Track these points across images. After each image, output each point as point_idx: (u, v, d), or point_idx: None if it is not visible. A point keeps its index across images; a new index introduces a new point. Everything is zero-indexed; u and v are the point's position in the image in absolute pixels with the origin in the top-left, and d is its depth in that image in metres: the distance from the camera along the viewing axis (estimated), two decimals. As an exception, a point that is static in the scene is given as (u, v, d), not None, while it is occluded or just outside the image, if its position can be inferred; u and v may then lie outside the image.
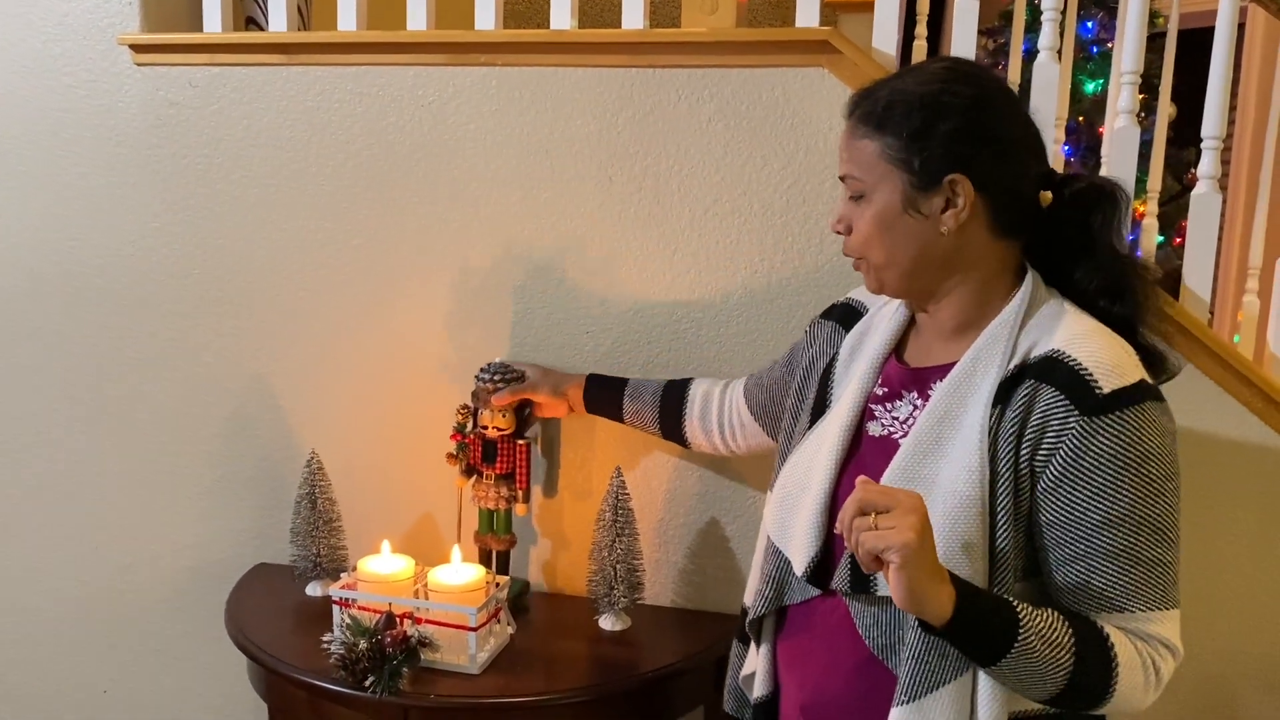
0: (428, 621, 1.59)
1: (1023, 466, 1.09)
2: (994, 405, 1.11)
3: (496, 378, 1.73)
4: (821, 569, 1.21)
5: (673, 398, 1.66)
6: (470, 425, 1.77)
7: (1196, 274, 1.66)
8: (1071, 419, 1.06)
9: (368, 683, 1.52)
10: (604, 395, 1.72)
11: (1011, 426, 1.09)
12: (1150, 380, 1.11)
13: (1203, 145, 1.64)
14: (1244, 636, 1.66)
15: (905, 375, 1.23)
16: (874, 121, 1.15)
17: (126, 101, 1.99)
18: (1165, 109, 2.07)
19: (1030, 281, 1.18)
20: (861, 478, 1.06)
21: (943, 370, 1.19)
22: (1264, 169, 1.88)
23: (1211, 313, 2.66)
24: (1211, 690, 1.13)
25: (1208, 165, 1.64)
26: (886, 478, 1.15)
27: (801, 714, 1.26)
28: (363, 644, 1.53)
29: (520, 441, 1.76)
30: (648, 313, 1.81)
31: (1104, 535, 1.06)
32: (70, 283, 2.08)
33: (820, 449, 1.25)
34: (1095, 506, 1.07)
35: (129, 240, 2.03)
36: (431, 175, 1.86)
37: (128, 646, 2.20)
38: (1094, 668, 1.06)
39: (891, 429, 1.21)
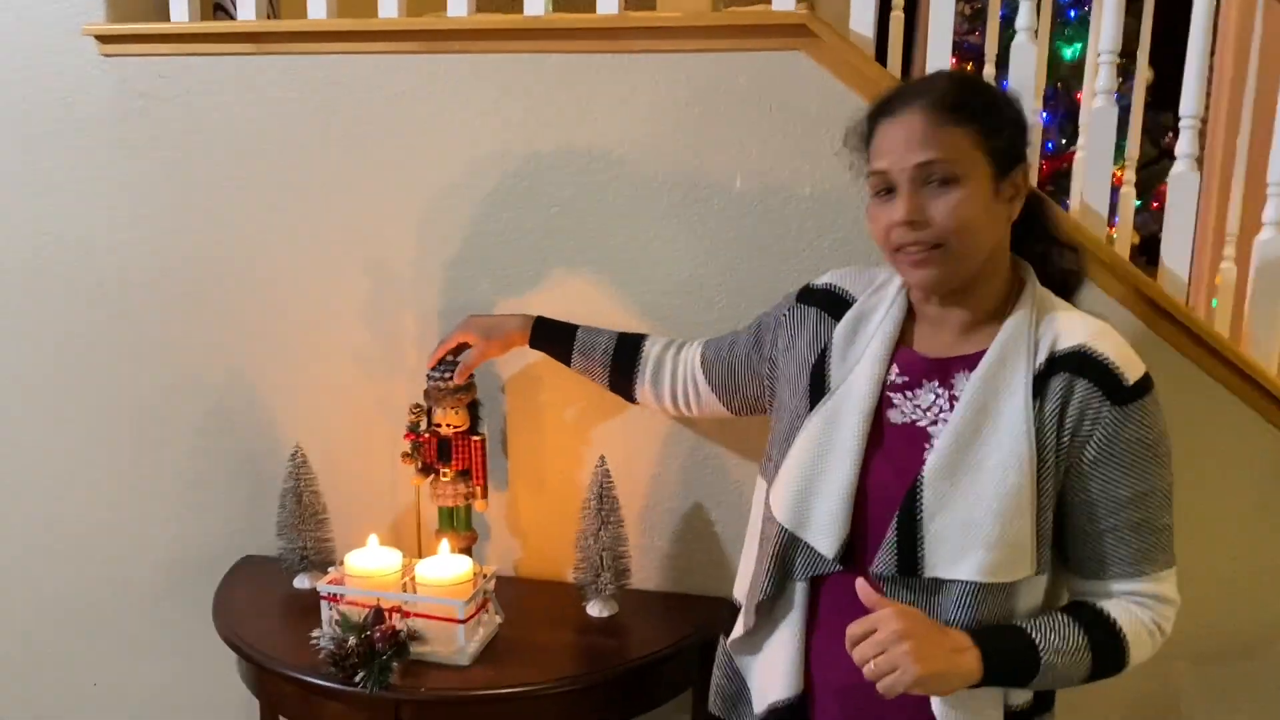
0: (416, 615, 1.60)
1: (1061, 454, 1.19)
2: (1034, 397, 1.18)
3: (448, 375, 1.72)
4: (848, 552, 1.24)
5: (624, 358, 1.65)
6: (424, 424, 1.76)
7: (1174, 252, 1.67)
8: (1105, 409, 1.17)
9: (358, 678, 1.52)
10: (551, 346, 1.70)
11: (1052, 417, 1.18)
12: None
13: (1180, 124, 1.64)
14: (1198, 606, 1.69)
15: (926, 364, 1.26)
16: (953, 109, 1.18)
17: (94, 93, 1.95)
18: (1143, 75, 2.07)
19: (1032, 273, 1.26)
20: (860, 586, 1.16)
21: (968, 361, 1.23)
22: (1240, 134, 1.89)
23: (1189, 280, 2.67)
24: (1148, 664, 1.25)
25: (1186, 144, 1.64)
26: (931, 465, 1.19)
27: (843, 700, 1.27)
28: (352, 640, 1.54)
29: (475, 438, 1.76)
30: (625, 300, 1.80)
31: (1129, 510, 1.19)
32: (42, 277, 2.06)
33: (836, 435, 1.26)
34: (1124, 484, 1.19)
35: (101, 233, 2.01)
36: (406, 164, 1.85)
37: (116, 640, 2.20)
38: (1107, 653, 1.19)
39: (915, 416, 1.24)
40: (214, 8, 2.11)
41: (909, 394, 1.26)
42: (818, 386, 1.31)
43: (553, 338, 1.69)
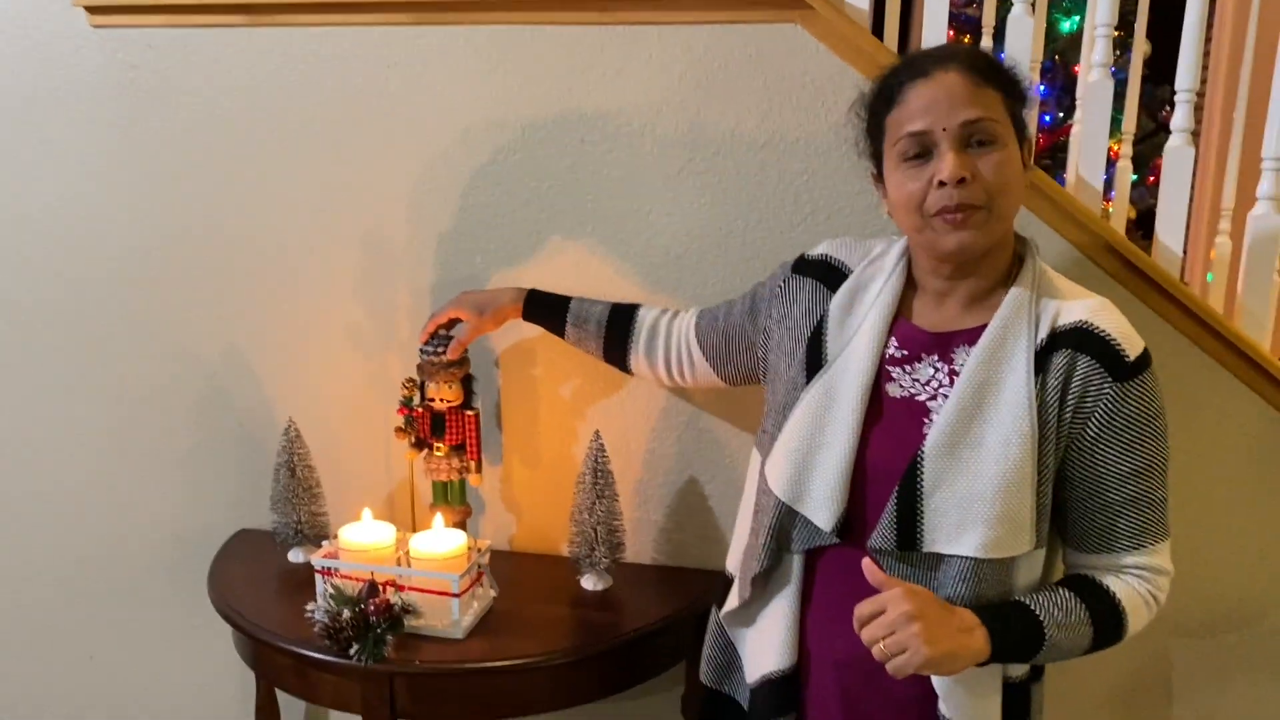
0: (411, 589, 1.61)
1: (1063, 430, 1.19)
2: (1036, 373, 1.18)
3: (440, 350, 1.71)
4: (845, 526, 1.24)
5: (618, 328, 1.63)
6: (417, 399, 1.76)
7: (1169, 227, 1.67)
8: (1106, 385, 1.17)
9: (352, 651, 1.53)
10: (545, 318, 1.69)
11: (1054, 393, 1.18)
12: None
13: (1176, 98, 1.63)
14: (1188, 579, 1.71)
15: (926, 338, 1.25)
16: (984, 73, 1.18)
17: (85, 64, 1.93)
18: (1140, 48, 2.06)
19: (1032, 249, 1.26)
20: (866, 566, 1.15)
21: (968, 335, 1.23)
22: (1237, 108, 1.88)
23: (1185, 252, 2.67)
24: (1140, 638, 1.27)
25: (1181, 118, 1.63)
26: (932, 440, 1.19)
27: (839, 671, 1.28)
28: (346, 613, 1.54)
29: (469, 412, 1.76)
30: (624, 274, 1.80)
31: (1129, 484, 1.20)
32: (33, 251, 2.04)
33: (835, 408, 1.26)
34: (1125, 460, 1.19)
35: (92, 207, 1.99)
36: (400, 137, 1.83)
37: (112, 614, 2.21)
38: (1108, 626, 1.21)
39: (913, 390, 1.24)
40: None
41: (908, 368, 1.25)
42: (814, 358, 1.30)
43: (546, 310, 1.68)
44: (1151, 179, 3.71)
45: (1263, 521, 1.69)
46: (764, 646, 1.34)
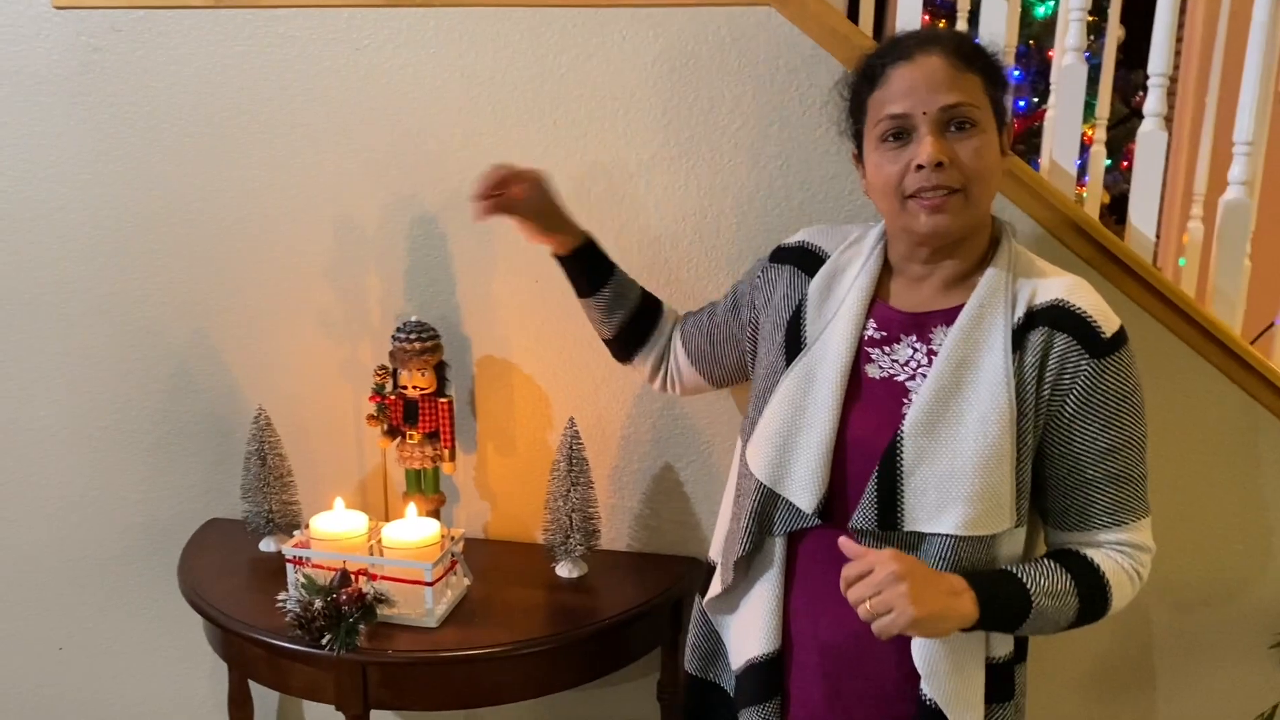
0: (384, 578, 1.59)
1: (1041, 407, 1.20)
2: (1013, 351, 1.19)
3: (413, 336, 1.69)
4: (826, 507, 1.24)
5: (641, 325, 1.54)
6: (390, 386, 1.74)
7: (1142, 212, 1.67)
8: (1084, 362, 1.19)
9: (324, 641, 1.52)
10: (582, 273, 1.51)
11: (1031, 371, 1.19)
12: None
13: (1149, 83, 1.63)
14: (1161, 560, 1.73)
15: (904, 319, 1.26)
16: (966, 58, 1.19)
17: (46, 45, 1.89)
18: (1114, 33, 2.06)
19: (1008, 231, 1.27)
20: (842, 542, 1.16)
21: (945, 315, 1.24)
22: (1209, 93, 1.89)
23: (1158, 237, 2.68)
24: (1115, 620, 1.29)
25: (1154, 103, 1.64)
26: (911, 419, 1.19)
27: (822, 654, 1.28)
28: (318, 603, 1.53)
29: (442, 399, 1.74)
30: (597, 259, 1.78)
31: (1107, 461, 1.21)
32: (-1, 237, 2.01)
33: (814, 390, 1.26)
34: (1102, 436, 1.21)
35: (55, 191, 1.96)
36: (369, 121, 1.81)
37: (81, 604, 2.18)
38: (1093, 599, 1.22)
39: (892, 371, 1.25)
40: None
41: (886, 349, 1.26)
42: (793, 342, 1.30)
43: (589, 266, 1.50)
44: (1125, 163, 3.72)
45: (1232, 504, 1.70)
46: (748, 631, 1.34)
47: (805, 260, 1.36)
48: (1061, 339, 1.20)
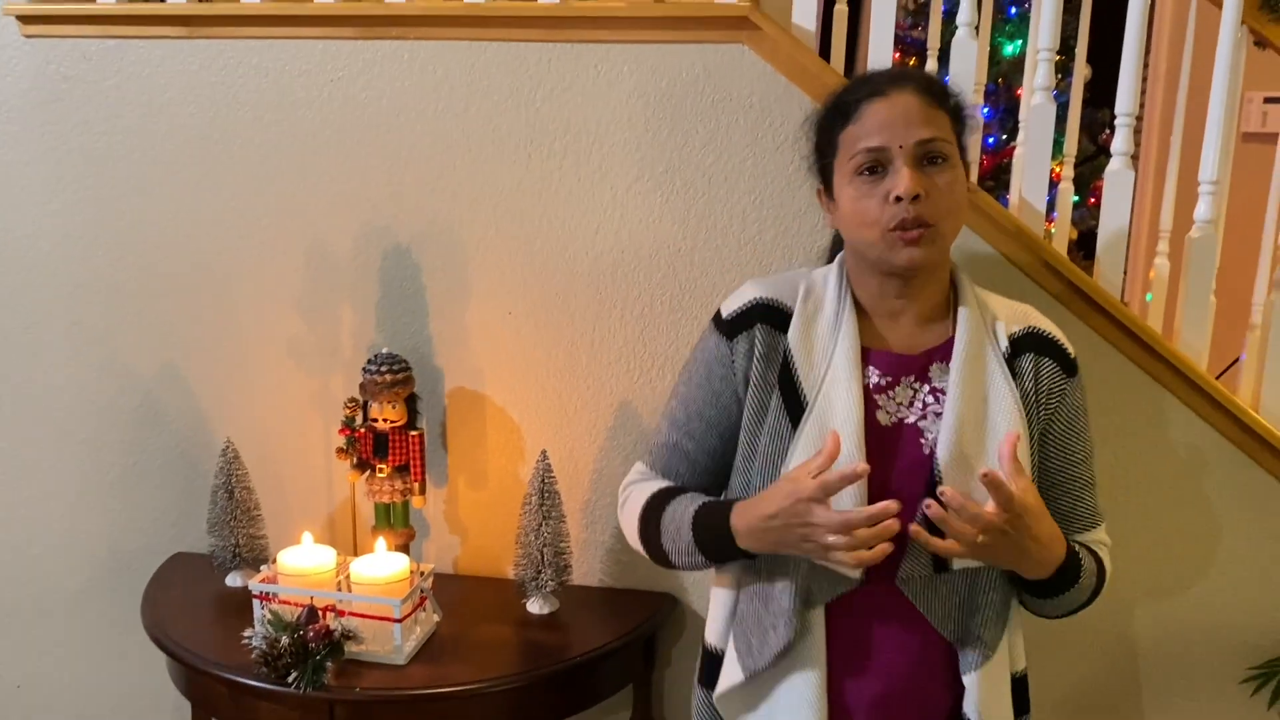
0: (352, 614, 1.57)
1: (1036, 427, 1.26)
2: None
3: (384, 369, 1.69)
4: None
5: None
6: (360, 419, 1.73)
7: (1109, 248, 1.69)
8: (1064, 382, 1.27)
9: (291, 678, 1.49)
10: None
11: (1030, 395, 1.25)
12: None
13: (1116, 122, 1.66)
14: (1129, 589, 1.73)
15: (902, 361, 1.24)
16: (936, 96, 1.22)
17: (16, 74, 1.88)
18: (1081, 72, 2.09)
19: (957, 265, 1.30)
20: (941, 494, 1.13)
21: (940, 351, 1.25)
22: (1174, 132, 1.92)
23: (1125, 273, 2.70)
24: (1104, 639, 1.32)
25: (1121, 142, 1.66)
26: (944, 458, 1.18)
27: (873, 705, 1.23)
28: (284, 639, 1.51)
29: (413, 432, 1.73)
30: (571, 289, 1.78)
31: (1081, 468, 1.31)
32: (-37, 266, 1.98)
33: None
34: (1078, 448, 1.30)
35: (24, 221, 1.94)
36: (342, 153, 1.81)
37: (42, 640, 2.13)
38: (1100, 580, 1.30)
39: (901, 414, 1.23)
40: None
41: (890, 394, 1.24)
42: (793, 402, 1.23)
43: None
44: (1092, 200, 3.77)
45: (1200, 535, 1.71)
46: (794, 713, 1.23)
47: (770, 315, 1.27)
48: (1047, 363, 1.26)
